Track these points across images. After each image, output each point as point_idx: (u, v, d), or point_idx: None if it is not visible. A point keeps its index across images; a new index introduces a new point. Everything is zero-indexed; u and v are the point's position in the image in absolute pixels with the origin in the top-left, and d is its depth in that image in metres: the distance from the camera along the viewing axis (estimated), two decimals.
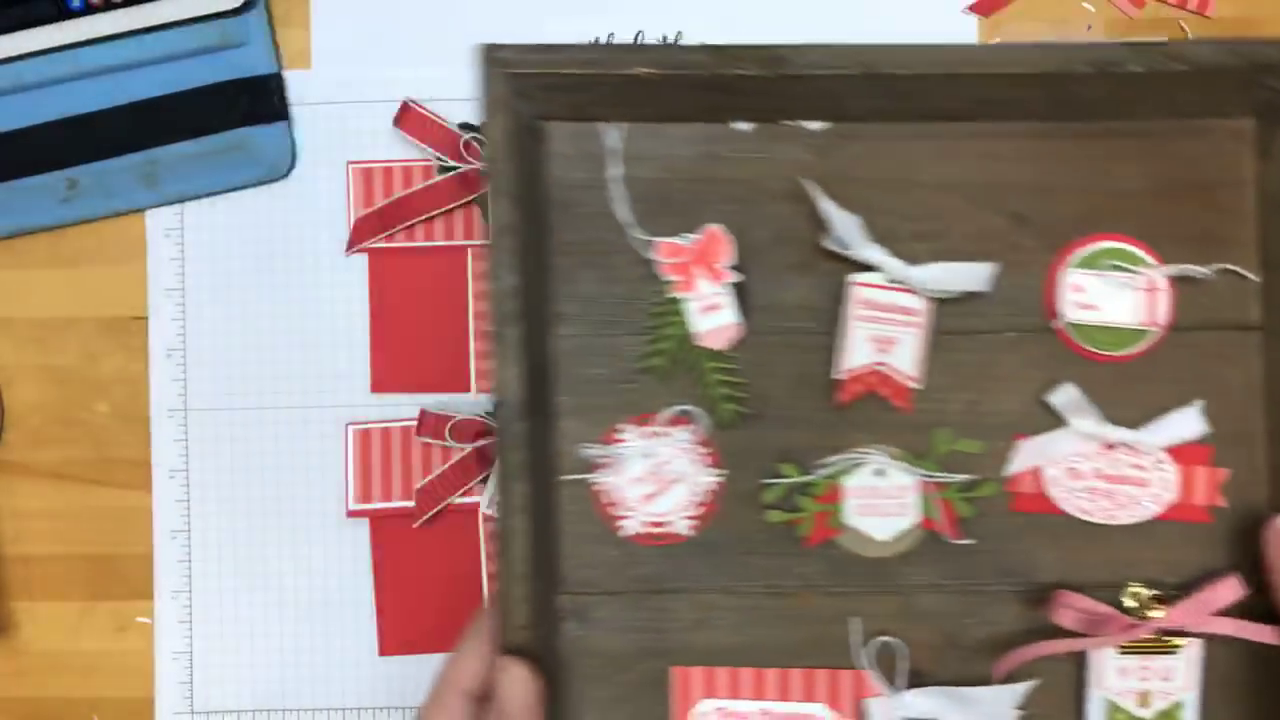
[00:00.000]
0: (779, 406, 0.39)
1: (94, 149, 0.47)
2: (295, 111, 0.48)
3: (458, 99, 0.47)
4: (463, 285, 0.48)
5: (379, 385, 0.48)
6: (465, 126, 0.47)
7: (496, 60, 0.36)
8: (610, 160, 0.39)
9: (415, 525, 0.47)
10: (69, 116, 0.47)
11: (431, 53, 0.48)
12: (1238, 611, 0.38)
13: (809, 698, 0.39)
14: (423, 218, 0.47)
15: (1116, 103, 0.39)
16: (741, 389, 0.39)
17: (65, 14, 0.46)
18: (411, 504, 0.47)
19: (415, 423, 0.47)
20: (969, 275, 0.38)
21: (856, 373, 0.39)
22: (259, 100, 0.47)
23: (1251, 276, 0.39)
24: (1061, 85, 0.37)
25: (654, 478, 0.39)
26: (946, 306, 0.39)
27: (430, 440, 0.47)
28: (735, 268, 0.39)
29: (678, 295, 0.39)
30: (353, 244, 0.48)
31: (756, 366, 0.39)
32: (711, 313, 0.39)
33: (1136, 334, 0.39)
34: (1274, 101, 0.38)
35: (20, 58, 0.47)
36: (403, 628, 0.47)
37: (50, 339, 0.49)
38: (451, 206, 0.47)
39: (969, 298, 0.39)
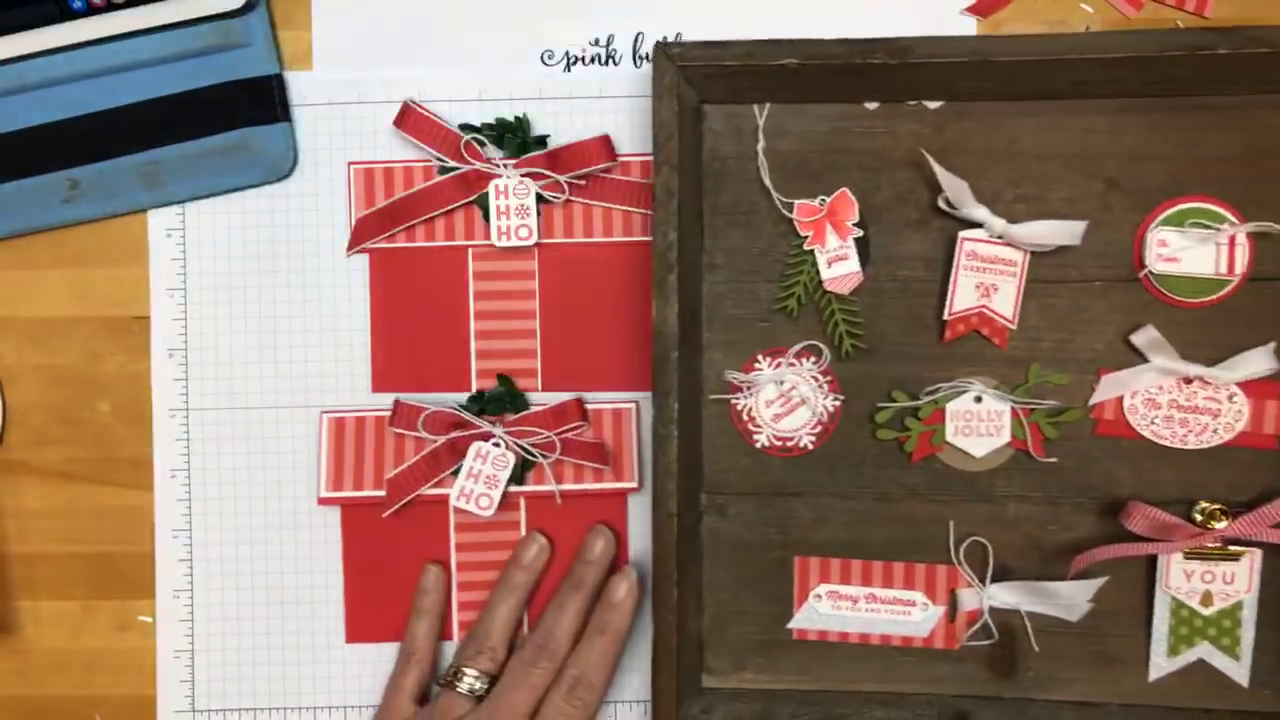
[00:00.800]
0: (892, 342, 0.47)
1: (96, 149, 0.47)
2: (296, 112, 0.48)
3: (458, 100, 0.48)
4: (464, 285, 0.48)
5: (380, 385, 0.48)
6: (465, 127, 0.47)
7: (668, 54, 0.44)
8: (757, 135, 0.47)
9: (385, 515, 0.47)
10: (71, 117, 0.48)
11: (431, 53, 0.48)
12: None
13: (908, 586, 0.47)
14: (423, 218, 0.47)
15: (1205, 81, 0.44)
16: (860, 327, 0.47)
17: (67, 15, 0.46)
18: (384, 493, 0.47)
19: (389, 413, 0.47)
20: (1062, 231, 0.44)
21: (961, 314, 0.46)
22: (260, 101, 0.47)
23: None
24: (1155, 67, 0.43)
25: (783, 400, 0.47)
26: (1044, 258, 0.46)
27: (403, 431, 0.47)
28: (859, 224, 0.47)
29: (810, 248, 0.47)
30: (354, 244, 0.48)
31: (874, 308, 0.47)
32: (838, 262, 0.47)
33: (1215, 283, 0.45)
34: None
35: (23, 58, 0.47)
36: (368, 616, 0.48)
37: (52, 339, 0.49)
38: (452, 207, 0.47)
39: (1063, 251, 0.45)
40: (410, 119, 0.48)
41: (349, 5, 0.48)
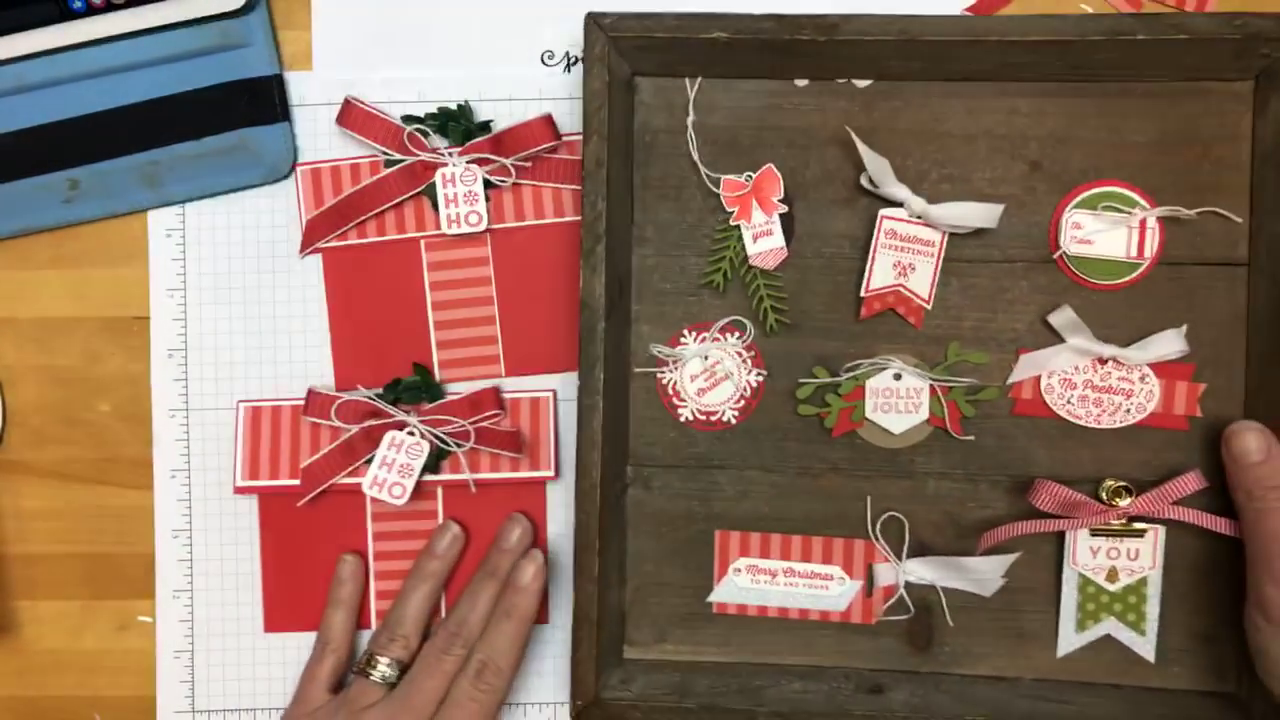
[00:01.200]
0: (815, 319, 0.47)
1: (96, 150, 0.47)
2: (296, 112, 0.48)
3: (457, 100, 0.48)
4: (419, 276, 0.48)
5: (344, 385, 0.48)
6: (408, 119, 0.47)
7: (599, 24, 0.44)
8: (688, 109, 0.47)
9: (299, 504, 0.47)
10: (71, 117, 0.48)
11: (431, 53, 0.48)
12: (1204, 505, 0.44)
13: (826, 560, 0.47)
14: (373, 213, 0.47)
15: (1126, 65, 0.44)
16: (785, 303, 0.47)
17: (67, 15, 0.46)
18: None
19: (303, 402, 0.47)
20: (979, 213, 0.45)
21: (878, 292, 0.46)
22: (260, 101, 0.47)
23: (1235, 219, 0.45)
24: (1077, 50, 0.43)
25: (708, 375, 0.48)
26: (967, 237, 0.46)
27: (316, 420, 0.47)
28: (785, 201, 0.47)
29: (736, 223, 0.47)
30: (306, 245, 0.48)
31: (799, 284, 0.47)
32: (763, 238, 0.47)
33: (1127, 266, 0.45)
34: (1270, 67, 0.43)
35: (22, 59, 0.47)
36: (287, 605, 0.49)
37: (52, 339, 0.49)
38: (400, 199, 0.47)
39: (986, 231, 0.46)
40: (352, 115, 0.47)
41: (349, 5, 0.48)
